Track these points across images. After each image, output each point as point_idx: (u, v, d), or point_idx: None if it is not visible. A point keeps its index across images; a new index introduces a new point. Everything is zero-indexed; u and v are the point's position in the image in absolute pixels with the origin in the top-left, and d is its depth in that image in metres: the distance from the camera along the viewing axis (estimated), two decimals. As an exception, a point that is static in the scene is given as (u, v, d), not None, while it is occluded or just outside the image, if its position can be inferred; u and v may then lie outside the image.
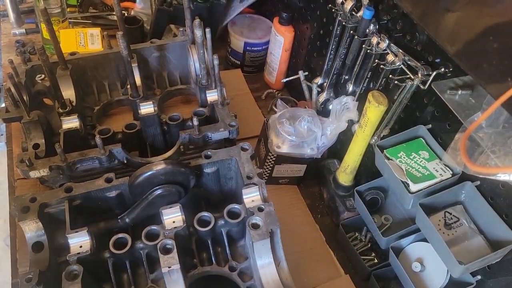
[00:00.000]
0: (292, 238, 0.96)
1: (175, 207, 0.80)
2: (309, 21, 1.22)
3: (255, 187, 0.82)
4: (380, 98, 0.84)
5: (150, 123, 1.02)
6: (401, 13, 0.84)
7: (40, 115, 0.98)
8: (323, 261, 1.01)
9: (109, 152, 0.92)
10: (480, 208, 0.78)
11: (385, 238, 0.89)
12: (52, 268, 0.76)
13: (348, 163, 0.99)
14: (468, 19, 0.65)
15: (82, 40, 1.29)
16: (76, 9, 1.50)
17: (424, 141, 0.85)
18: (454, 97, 0.73)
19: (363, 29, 0.91)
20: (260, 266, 0.79)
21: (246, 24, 1.41)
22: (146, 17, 1.41)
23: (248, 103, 1.33)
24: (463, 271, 0.73)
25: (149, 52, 1.16)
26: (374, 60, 0.90)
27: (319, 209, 1.13)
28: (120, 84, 1.19)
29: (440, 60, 0.78)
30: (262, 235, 0.76)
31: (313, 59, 1.24)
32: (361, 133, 0.90)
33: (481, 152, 0.67)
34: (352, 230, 1.04)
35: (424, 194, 0.80)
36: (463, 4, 0.66)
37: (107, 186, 0.83)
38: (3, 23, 1.49)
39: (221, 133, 0.97)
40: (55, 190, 0.83)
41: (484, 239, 0.78)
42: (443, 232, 0.80)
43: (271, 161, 1.06)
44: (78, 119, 0.98)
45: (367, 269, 0.96)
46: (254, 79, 1.44)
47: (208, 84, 1.07)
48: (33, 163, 0.89)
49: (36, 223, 0.78)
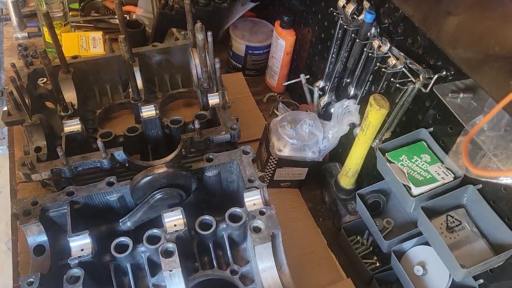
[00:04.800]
0: (293, 241, 0.96)
1: (176, 210, 0.80)
2: (310, 25, 1.22)
3: (257, 191, 0.82)
4: (382, 101, 0.84)
5: (152, 126, 1.02)
6: (402, 17, 0.84)
7: (42, 118, 0.98)
8: (324, 265, 1.00)
9: (111, 155, 0.92)
10: (482, 212, 0.78)
11: (387, 242, 0.89)
12: (54, 272, 0.76)
13: (350, 166, 0.99)
14: (470, 22, 0.65)
15: (84, 44, 1.30)
16: (78, 12, 1.51)
17: (425, 144, 0.85)
18: (455, 100, 0.73)
19: (365, 33, 0.91)
20: (261, 270, 0.78)
21: (248, 27, 1.41)
22: (148, 20, 1.42)
23: (250, 107, 1.33)
24: (465, 274, 0.73)
25: (151, 56, 1.17)
26: (375, 64, 0.91)
27: (321, 212, 1.13)
28: (121, 88, 1.19)
29: (441, 63, 0.78)
30: (264, 239, 0.76)
31: (314, 63, 1.24)
32: (363, 136, 0.90)
33: (483, 156, 0.67)
34: (354, 233, 1.04)
35: (426, 198, 0.80)
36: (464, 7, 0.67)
37: (108, 190, 0.83)
38: (6, 27, 1.50)
39: (223, 136, 0.97)
40: (56, 193, 0.83)
41: (486, 242, 0.78)
42: (445, 236, 0.80)
43: (273, 164, 1.06)
44: (80, 123, 0.98)
45: (369, 273, 0.95)
46: (256, 82, 1.44)
47: (209, 88, 1.07)
48: (35, 166, 0.89)
49: (38, 226, 0.78)
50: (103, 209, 0.85)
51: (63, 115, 1.00)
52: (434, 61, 0.80)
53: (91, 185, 0.83)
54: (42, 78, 1.13)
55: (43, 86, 1.07)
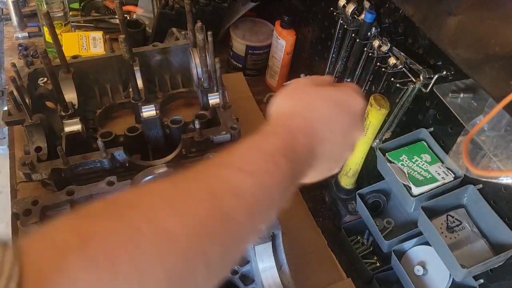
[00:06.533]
0: (293, 241, 0.96)
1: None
2: (310, 25, 1.22)
3: (257, 190, 0.82)
4: (382, 101, 0.84)
5: (152, 126, 1.02)
6: (403, 17, 0.84)
7: (43, 118, 0.98)
8: (325, 265, 1.00)
9: (111, 155, 0.92)
10: (482, 212, 0.78)
11: (387, 242, 0.89)
12: (54, 271, 0.76)
13: (350, 166, 0.99)
14: (470, 22, 0.65)
15: (84, 44, 1.30)
16: (79, 12, 1.51)
17: (426, 144, 0.85)
18: (456, 100, 0.73)
19: (365, 32, 0.91)
20: (261, 270, 0.78)
21: (248, 27, 1.41)
22: (148, 20, 1.42)
23: (250, 106, 1.33)
24: (465, 274, 0.73)
25: (151, 56, 1.17)
26: (375, 63, 0.91)
27: (321, 212, 1.13)
28: (122, 87, 1.19)
29: (442, 63, 0.78)
30: (264, 239, 0.76)
31: (314, 62, 1.24)
32: (363, 136, 0.90)
33: (483, 155, 0.67)
34: (354, 233, 1.04)
35: (426, 197, 0.80)
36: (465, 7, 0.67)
37: (109, 189, 0.83)
38: (6, 27, 1.50)
39: (223, 136, 0.97)
40: (57, 193, 0.83)
41: (486, 242, 0.78)
42: (445, 236, 0.80)
43: (273, 164, 1.06)
44: (80, 122, 0.99)
45: (369, 273, 0.95)
46: (256, 82, 1.44)
47: (210, 87, 1.07)
48: (35, 166, 0.89)
49: (38, 226, 0.78)
50: (104, 209, 0.85)
51: (64, 115, 1.00)
52: (434, 61, 0.80)
53: (92, 185, 0.83)
54: (43, 78, 1.13)
55: (44, 86, 1.07)
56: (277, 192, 0.44)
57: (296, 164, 0.47)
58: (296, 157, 0.47)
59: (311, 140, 0.49)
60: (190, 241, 0.36)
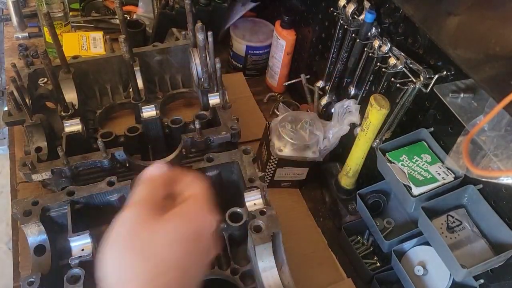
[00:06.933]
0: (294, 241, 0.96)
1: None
2: (311, 25, 1.22)
3: (257, 191, 0.82)
4: (382, 101, 0.84)
5: (152, 126, 1.02)
6: (403, 17, 0.84)
7: (43, 118, 0.98)
8: (325, 265, 1.00)
9: (111, 155, 0.92)
10: (482, 212, 0.78)
11: (387, 242, 0.89)
12: (54, 272, 0.76)
13: (350, 166, 0.99)
14: (470, 22, 0.65)
15: (84, 44, 1.30)
16: (79, 13, 1.51)
17: (426, 144, 0.85)
18: (456, 100, 0.73)
19: (365, 33, 0.91)
20: (262, 270, 0.78)
21: (248, 27, 1.41)
22: (148, 20, 1.42)
23: (250, 107, 1.33)
24: (466, 274, 0.73)
25: (151, 56, 1.17)
26: (376, 64, 0.91)
27: (321, 212, 1.13)
28: (122, 88, 1.20)
29: (442, 63, 0.78)
30: (264, 239, 0.76)
31: (315, 63, 1.24)
32: (363, 136, 0.90)
33: (483, 156, 0.67)
34: (354, 233, 1.04)
35: (426, 198, 0.80)
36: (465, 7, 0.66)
37: (109, 190, 0.83)
38: (6, 27, 1.50)
39: (223, 136, 0.97)
40: (57, 193, 0.83)
41: (487, 242, 0.78)
42: (445, 236, 0.80)
43: (273, 164, 1.06)
44: (80, 123, 0.99)
45: (370, 273, 0.95)
46: (256, 82, 1.44)
47: (210, 88, 1.07)
48: (36, 167, 0.89)
49: (38, 227, 0.78)
50: (104, 209, 0.85)
51: (64, 115, 1.00)
52: (434, 61, 0.80)
53: (92, 185, 0.83)
54: (43, 78, 1.13)
55: (44, 86, 1.07)
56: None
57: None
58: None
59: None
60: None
